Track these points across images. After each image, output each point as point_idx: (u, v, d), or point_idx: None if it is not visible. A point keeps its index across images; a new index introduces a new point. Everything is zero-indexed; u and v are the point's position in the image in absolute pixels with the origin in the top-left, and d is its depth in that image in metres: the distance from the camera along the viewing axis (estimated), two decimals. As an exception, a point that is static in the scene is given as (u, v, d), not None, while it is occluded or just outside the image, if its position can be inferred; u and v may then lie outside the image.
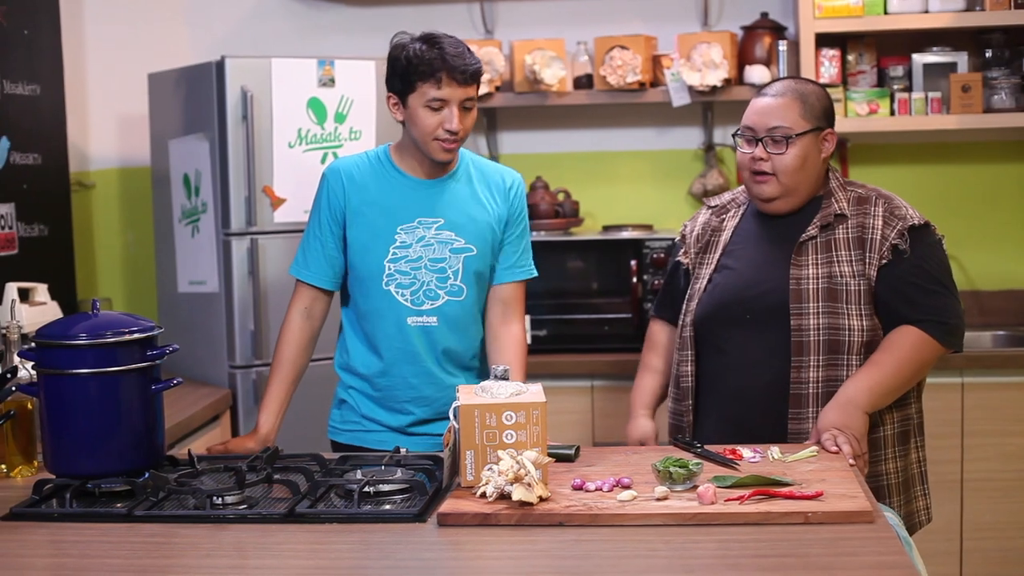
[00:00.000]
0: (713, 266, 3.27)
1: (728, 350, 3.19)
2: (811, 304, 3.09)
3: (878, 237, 3.11)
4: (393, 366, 3.35)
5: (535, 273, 3.50)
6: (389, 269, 3.30)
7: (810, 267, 3.12)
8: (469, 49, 3.25)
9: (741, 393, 3.16)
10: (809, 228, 3.15)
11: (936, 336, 3.10)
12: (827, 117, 3.21)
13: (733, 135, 3.26)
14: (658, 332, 3.50)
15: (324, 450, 3.33)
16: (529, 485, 2.55)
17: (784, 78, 3.33)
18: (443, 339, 3.34)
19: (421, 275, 3.30)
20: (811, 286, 3.10)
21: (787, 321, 3.10)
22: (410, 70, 3.19)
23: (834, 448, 2.91)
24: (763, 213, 3.25)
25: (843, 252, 3.12)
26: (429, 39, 3.21)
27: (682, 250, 3.39)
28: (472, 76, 3.21)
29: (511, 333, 3.42)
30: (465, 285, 3.33)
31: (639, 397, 3.45)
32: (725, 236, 3.30)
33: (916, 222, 3.14)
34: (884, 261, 3.10)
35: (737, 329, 3.17)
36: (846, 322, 3.08)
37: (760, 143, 3.16)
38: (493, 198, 3.38)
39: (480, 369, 3.44)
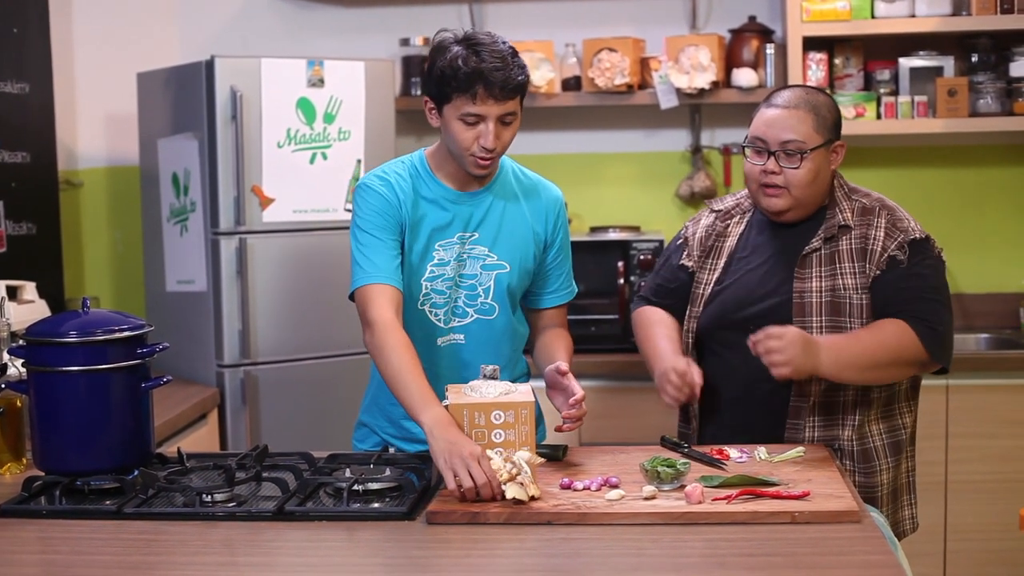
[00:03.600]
0: (717, 272, 3.23)
1: (729, 359, 3.16)
2: (814, 317, 3.06)
3: (878, 248, 3.07)
4: None
5: (576, 290, 3.36)
6: (426, 288, 3.10)
7: (813, 280, 3.09)
8: (515, 56, 2.97)
9: (741, 401, 3.15)
10: (813, 240, 3.11)
11: (920, 335, 3.03)
12: (837, 129, 3.14)
13: (742, 146, 3.20)
14: (653, 311, 3.35)
15: (349, 442, 3.35)
16: (522, 484, 2.57)
17: (793, 87, 3.22)
18: (470, 357, 3.12)
19: (453, 292, 3.12)
20: (814, 299, 3.07)
21: None
22: (444, 81, 2.94)
23: (764, 347, 2.91)
24: (769, 222, 3.20)
25: (846, 264, 3.08)
26: (471, 44, 2.94)
27: (685, 252, 3.31)
28: (513, 91, 2.95)
29: (558, 334, 3.28)
30: (497, 304, 3.15)
31: (660, 346, 3.20)
32: (730, 243, 3.25)
33: (917, 235, 3.09)
34: (878, 271, 3.07)
35: (739, 338, 3.12)
36: None
37: (772, 156, 3.08)
38: (533, 215, 3.20)
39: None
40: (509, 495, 2.55)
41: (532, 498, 2.58)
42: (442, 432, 2.69)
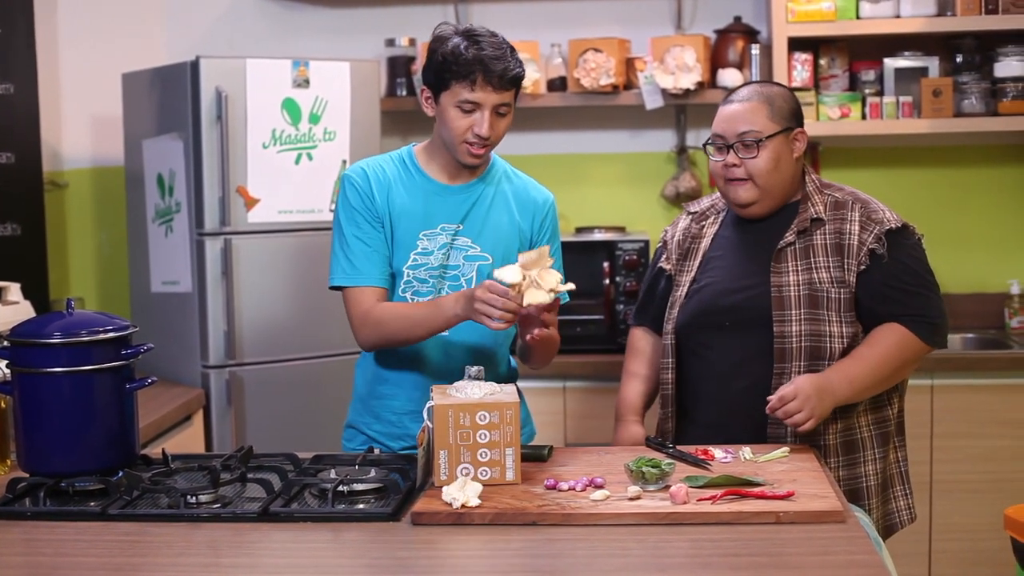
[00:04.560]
0: (693, 273, 3.25)
1: (708, 357, 3.18)
2: (793, 311, 3.07)
3: (855, 243, 3.10)
4: (396, 374, 3.22)
5: (567, 298, 3.30)
6: (408, 276, 3.15)
7: (790, 274, 3.11)
8: (513, 51, 3.06)
9: (721, 399, 3.16)
10: (786, 234, 3.14)
11: (920, 334, 3.09)
12: (795, 117, 3.19)
13: (704, 145, 3.25)
14: (639, 339, 3.45)
15: (334, 443, 3.36)
16: (536, 286, 2.79)
17: (749, 83, 3.29)
18: (453, 350, 3.17)
19: (438, 283, 3.16)
20: (792, 293, 3.09)
21: (767, 327, 3.09)
22: (444, 67, 3.01)
23: (783, 412, 2.92)
24: (742, 220, 3.23)
25: (821, 259, 3.11)
26: (470, 35, 3.03)
27: (664, 256, 3.36)
28: (510, 81, 3.03)
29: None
30: None
31: (626, 403, 3.38)
32: (705, 243, 3.28)
33: (893, 225, 3.12)
34: (862, 267, 3.09)
35: (717, 336, 3.16)
36: (827, 328, 3.07)
37: (731, 149, 3.14)
38: (521, 212, 3.24)
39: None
40: (527, 302, 2.81)
41: (551, 291, 2.84)
42: (461, 305, 2.95)
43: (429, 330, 3.07)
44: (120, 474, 2.78)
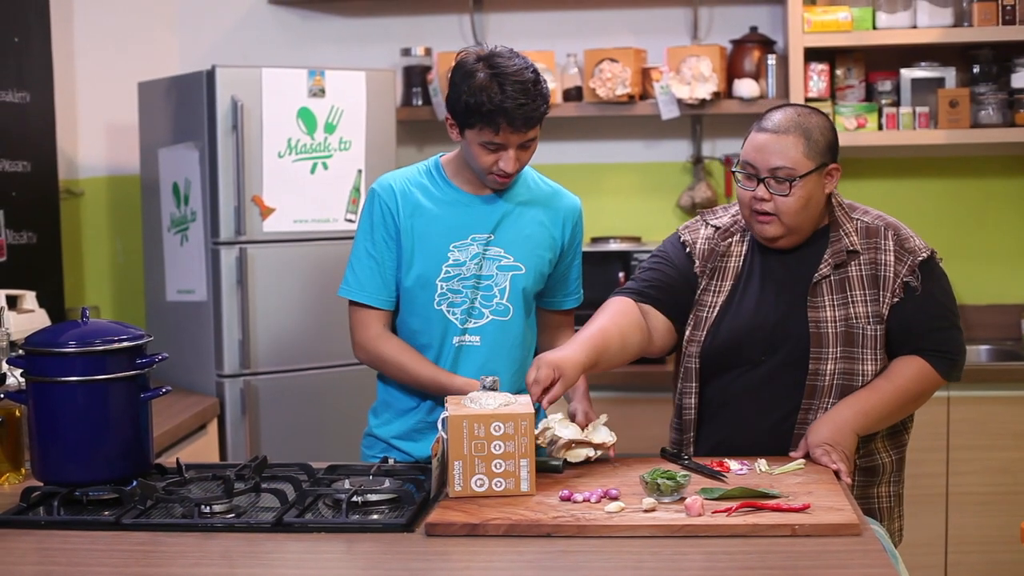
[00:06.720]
0: (723, 296, 3.14)
1: (734, 387, 3.11)
2: (829, 349, 3.02)
3: (891, 275, 3.03)
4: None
5: (582, 296, 3.41)
6: (441, 288, 3.16)
7: (827, 309, 3.03)
8: (537, 83, 3.03)
9: (746, 429, 3.10)
10: (822, 267, 3.05)
11: (940, 369, 3.05)
12: (831, 151, 3.05)
13: (733, 170, 3.14)
14: (619, 302, 3.18)
15: (349, 452, 3.33)
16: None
17: (785, 106, 3.10)
18: (483, 360, 3.18)
19: (470, 293, 3.17)
20: (830, 330, 3.02)
21: (800, 362, 3.03)
22: (469, 111, 3.01)
23: (832, 465, 2.86)
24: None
25: (858, 292, 3.04)
26: (496, 73, 2.99)
27: (696, 264, 3.17)
28: (535, 121, 3.04)
29: (566, 335, 3.31)
30: (511, 305, 3.19)
31: (581, 335, 3.05)
32: (733, 264, 3.16)
33: (925, 255, 3.05)
34: (896, 299, 3.02)
35: (747, 367, 3.09)
36: (860, 367, 3.02)
37: (762, 183, 3.00)
38: (551, 221, 3.25)
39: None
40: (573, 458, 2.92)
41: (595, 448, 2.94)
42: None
43: (427, 391, 3.21)
44: (134, 483, 2.77)
